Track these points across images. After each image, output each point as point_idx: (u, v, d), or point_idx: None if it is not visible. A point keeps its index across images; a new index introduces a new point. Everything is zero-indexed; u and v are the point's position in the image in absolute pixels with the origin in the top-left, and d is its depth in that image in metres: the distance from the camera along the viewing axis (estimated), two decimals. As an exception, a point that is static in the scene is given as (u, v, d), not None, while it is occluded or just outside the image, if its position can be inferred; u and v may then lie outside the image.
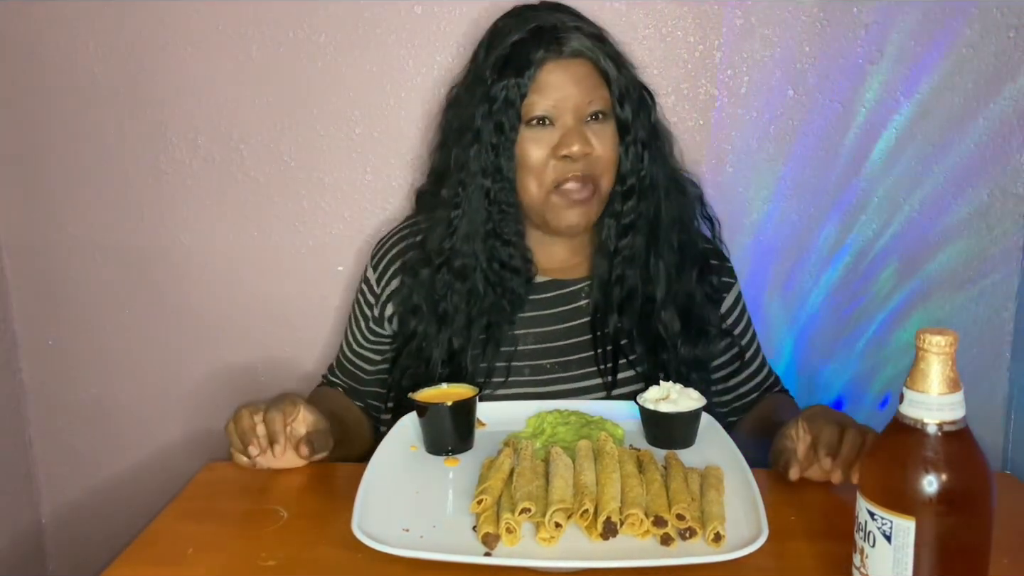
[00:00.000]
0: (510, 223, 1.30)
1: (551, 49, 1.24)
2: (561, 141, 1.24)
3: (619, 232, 1.32)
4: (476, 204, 1.29)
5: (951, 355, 0.75)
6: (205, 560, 0.97)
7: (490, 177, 1.27)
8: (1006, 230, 1.57)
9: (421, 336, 1.33)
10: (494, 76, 1.25)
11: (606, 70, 1.26)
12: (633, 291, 1.32)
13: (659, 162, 1.33)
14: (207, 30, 1.58)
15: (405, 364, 1.34)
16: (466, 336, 1.30)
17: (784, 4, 1.52)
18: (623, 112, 1.27)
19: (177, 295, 1.70)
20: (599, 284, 1.34)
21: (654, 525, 0.92)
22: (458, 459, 1.13)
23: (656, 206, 1.32)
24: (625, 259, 1.32)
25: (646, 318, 1.32)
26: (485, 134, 1.26)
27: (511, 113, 1.24)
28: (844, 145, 1.57)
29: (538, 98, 1.24)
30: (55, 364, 1.76)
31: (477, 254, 1.30)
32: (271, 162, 1.63)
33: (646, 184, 1.31)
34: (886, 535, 0.77)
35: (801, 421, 1.09)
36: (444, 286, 1.31)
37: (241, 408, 1.15)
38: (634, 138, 1.29)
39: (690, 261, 1.35)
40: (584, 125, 1.26)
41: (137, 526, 1.05)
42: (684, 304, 1.34)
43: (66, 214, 1.68)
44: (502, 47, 1.26)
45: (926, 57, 1.52)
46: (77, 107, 1.63)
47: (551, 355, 1.33)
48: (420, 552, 0.91)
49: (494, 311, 1.31)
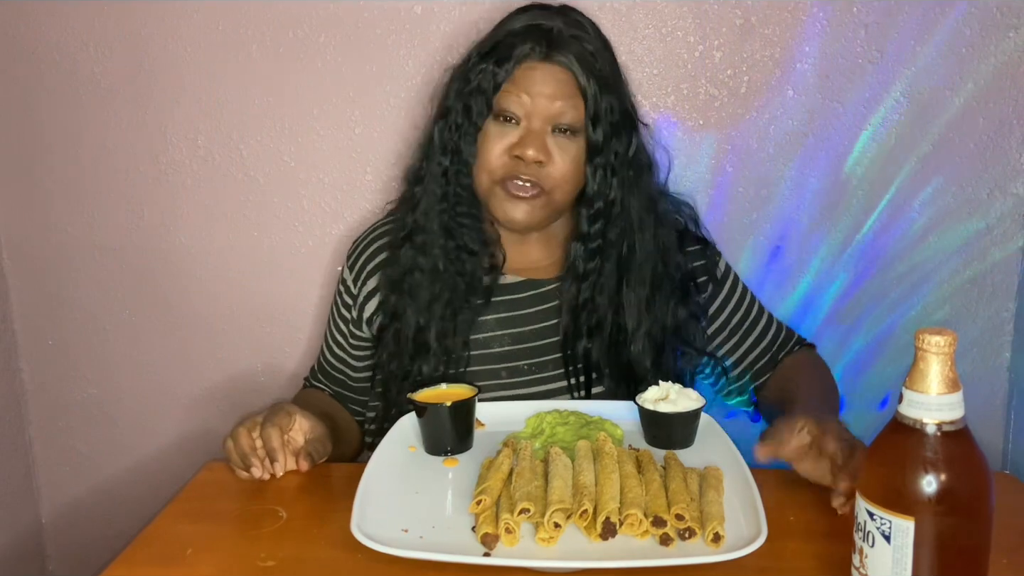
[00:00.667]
0: (464, 206, 1.30)
1: (538, 50, 1.23)
2: (519, 141, 1.23)
3: (586, 256, 1.30)
4: (435, 182, 1.29)
5: (950, 355, 0.75)
6: (204, 560, 0.97)
7: (448, 156, 1.28)
8: (1006, 230, 1.57)
9: (400, 313, 1.32)
10: (476, 59, 1.25)
11: (585, 87, 1.23)
12: (603, 320, 1.30)
13: (634, 191, 1.30)
14: (207, 30, 1.58)
15: (390, 346, 1.33)
16: (429, 313, 1.30)
17: (784, 4, 1.52)
18: (594, 133, 1.24)
19: (177, 295, 1.70)
20: (568, 307, 1.32)
21: (653, 525, 0.92)
22: (457, 459, 1.13)
23: (629, 236, 1.30)
24: (592, 284, 1.30)
25: (618, 347, 1.31)
26: (452, 113, 1.26)
27: (480, 100, 1.24)
28: (844, 145, 1.57)
29: (511, 93, 1.23)
30: (55, 364, 1.76)
31: (435, 230, 1.30)
32: (271, 162, 1.63)
33: (615, 210, 1.28)
34: (885, 535, 0.77)
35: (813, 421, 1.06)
36: (408, 260, 1.32)
37: (238, 427, 1.14)
38: (605, 161, 1.26)
39: (667, 293, 1.32)
40: (551, 135, 1.24)
41: (137, 526, 1.06)
42: (657, 338, 1.32)
43: (66, 214, 1.68)
44: (497, 34, 1.27)
45: (926, 57, 1.52)
46: (77, 107, 1.63)
47: (528, 356, 1.32)
48: (419, 552, 0.91)
49: (455, 293, 1.30)
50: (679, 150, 1.54)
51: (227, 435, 1.15)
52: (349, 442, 1.37)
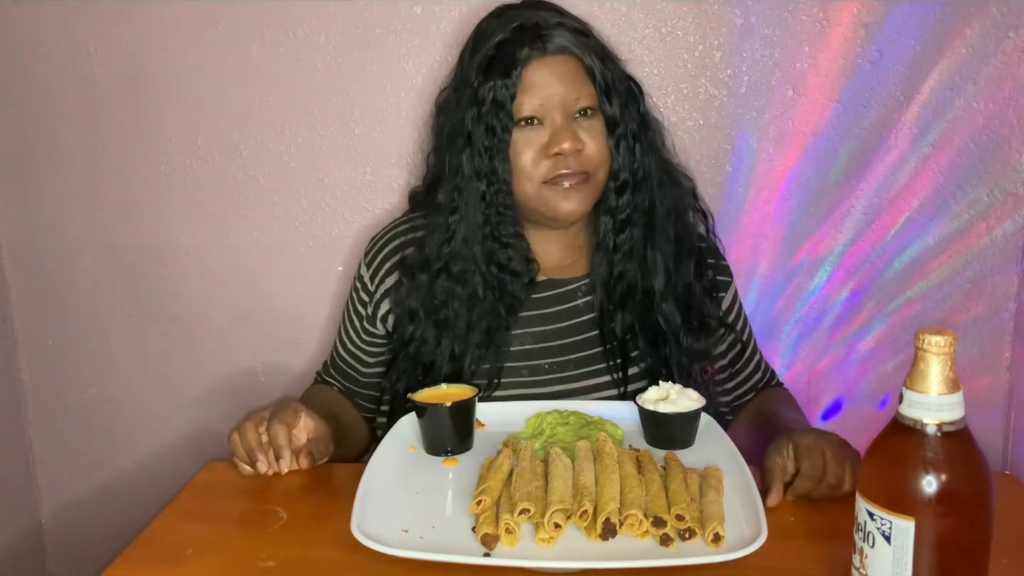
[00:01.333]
0: (507, 225, 1.30)
1: (535, 47, 1.23)
2: (551, 139, 1.24)
3: (617, 228, 1.32)
4: (473, 208, 1.28)
5: (951, 355, 0.75)
6: (205, 560, 0.97)
7: (484, 179, 1.27)
8: (1006, 230, 1.57)
9: (419, 341, 1.32)
10: (480, 78, 1.24)
11: (591, 66, 1.25)
12: (633, 286, 1.32)
13: (651, 154, 1.32)
14: (207, 30, 1.58)
15: (402, 368, 1.33)
16: (465, 341, 1.30)
17: (784, 4, 1.52)
18: (610, 107, 1.26)
19: (177, 295, 1.70)
20: (601, 283, 1.33)
21: (653, 526, 0.92)
22: (457, 460, 1.13)
23: (650, 198, 1.31)
24: (624, 255, 1.32)
25: (647, 311, 1.32)
26: (477, 137, 1.25)
27: (502, 115, 1.23)
28: (844, 145, 1.57)
29: (526, 98, 1.23)
30: (55, 364, 1.76)
31: (476, 258, 1.29)
32: (271, 162, 1.63)
33: (639, 177, 1.30)
34: (885, 535, 0.77)
35: (790, 445, 1.07)
36: (444, 292, 1.30)
37: (245, 422, 1.14)
38: (624, 131, 1.28)
39: (686, 252, 1.34)
40: (573, 122, 1.25)
41: (137, 526, 1.05)
42: (683, 296, 1.33)
43: (66, 214, 1.68)
44: (487, 48, 1.26)
45: (926, 57, 1.52)
46: (77, 107, 1.63)
47: (549, 355, 1.33)
48: (419, 553, 0.91)
49: (493, 315, 1.31)
50: (679, 150, 1.53)
51: (233, 429, 1.15)
52: (356, 441, 1.37)
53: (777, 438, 1.10)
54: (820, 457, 1.04)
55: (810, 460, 1.04)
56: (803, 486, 1.04)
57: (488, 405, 1.24)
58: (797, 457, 1.06)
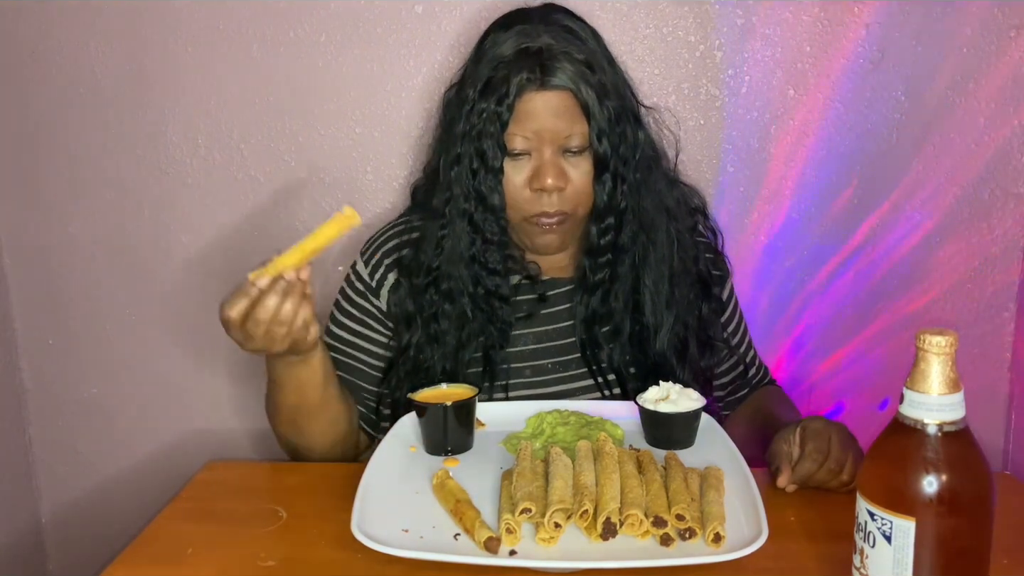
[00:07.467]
0: (494, 253, 1.28)
1: (533, 78, 1.19)
2: (535, 174, 1.21)
3: (596, 268, 1.30)
4: (460, 228, 1.27)
5: (951, 355, 0.75)
6: (204, 560, 0.97)
7: (472, 202, 1.25)
8: (1006, 230, 1.57)
9: (415, 349, 1.30)
10: (475, 96, 1.22)
11: (588, 103, 1.21)
12: (620, 326, 1.30)
13: (644, 192, 1.28)
14: (207, 30, 1.58)
15: (402, 374, 1.31)
16: (455, 360, 1.28)
17: (785, 4, 1.52)
18: (600, 147, 1.22)
19: (177, 295, 1.70)
20: (581, 320, 1.31)
21: (654, 525, 0.92)
22: (458, 459, 1.13)
23: (642, 237, 1.29)
24: (605, 293, 1.30)
25: (641, 347, 1.31)
26: (466, 158, 1.24)
27: (491, 143, 1.21)
28: (844, 145, 1.57)
29: (517, 128, 1.20)
30: (55, 364, 1.75)
31: (463, 278, 1.28)
32: (271, 162, 1.63)
33: (626, 218, 1.27)
34: (886, 535, 0.77)
35: (798, 430, 1.10)
36: (432, 305, 1.29)
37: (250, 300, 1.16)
38: (613, 173, 1.24)
39: (686, 287, 1.32)
40: (562, 157, 1.22)
41: (137, 526, 1.06)
42: (681, 333, 1.32)
43: (66, 214, 1.68)
44: (488, 64, 1.22)
45: (926, 57, 1.52)
46: (77, 107, 1.63)
47: (551, 354, 1.32)
48: (420, 552, 0.91)
49: (485, 337, 1.29)
50: (679, 151, 1.54)
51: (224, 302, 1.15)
52: (349, 406, 1.32)
53: (785, 428, 1.12)
54: (826, 441, 1.06)
55: (815, 442, 1.06)
56: (805, 467, 1.05)
57: (488, 405, 1.24)
58: (803, 440, 1.08)
